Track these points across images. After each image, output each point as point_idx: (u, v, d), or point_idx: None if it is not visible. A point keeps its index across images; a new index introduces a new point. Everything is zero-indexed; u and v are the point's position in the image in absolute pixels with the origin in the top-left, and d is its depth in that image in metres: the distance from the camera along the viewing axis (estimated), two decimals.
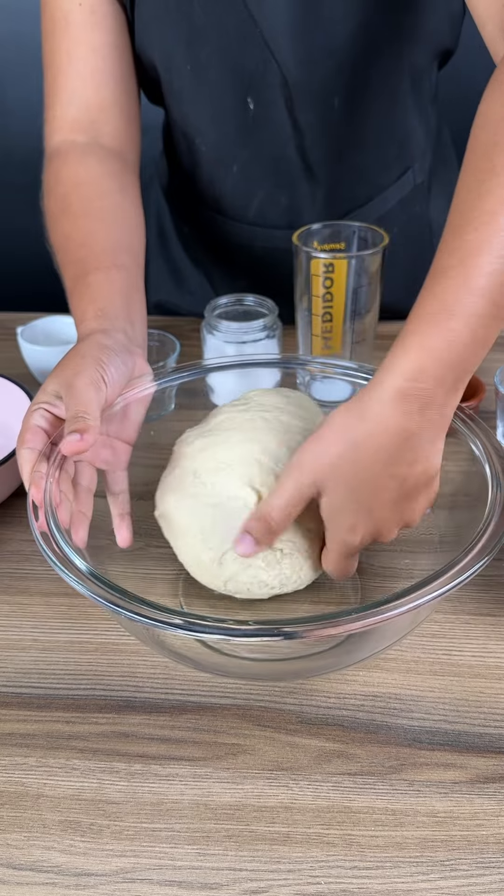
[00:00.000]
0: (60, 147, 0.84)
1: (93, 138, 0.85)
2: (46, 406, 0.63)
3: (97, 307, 0.69)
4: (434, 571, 0.53)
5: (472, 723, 0.59)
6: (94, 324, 0.68)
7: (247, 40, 0.84)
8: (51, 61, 0.84)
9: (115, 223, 0.78)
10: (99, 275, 0.72)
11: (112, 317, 0.68)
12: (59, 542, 0.56)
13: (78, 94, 0.84)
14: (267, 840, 0.53)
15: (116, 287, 0.71)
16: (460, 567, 0.53)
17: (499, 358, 0.96)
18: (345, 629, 0.50)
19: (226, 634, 0.51)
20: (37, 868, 0.52)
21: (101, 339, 0.65)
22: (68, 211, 0.78)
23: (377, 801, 0.55)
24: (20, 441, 0.62)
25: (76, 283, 0.72)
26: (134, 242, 0.78)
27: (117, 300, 0.70)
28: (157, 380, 0.71)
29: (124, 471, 0.68)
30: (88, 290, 0.71)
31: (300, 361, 0.79)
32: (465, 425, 0.65)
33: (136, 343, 0.69)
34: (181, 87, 0.91)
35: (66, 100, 0.84)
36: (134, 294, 0.73)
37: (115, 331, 0.67)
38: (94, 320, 0.68)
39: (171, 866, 0.52)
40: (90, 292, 0.70)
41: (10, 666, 0.64)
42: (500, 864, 0.51)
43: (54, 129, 0.85)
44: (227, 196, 0.99)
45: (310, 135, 0.91)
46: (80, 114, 0.84)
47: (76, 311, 0.71)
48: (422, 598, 0.51)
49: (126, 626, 0.63)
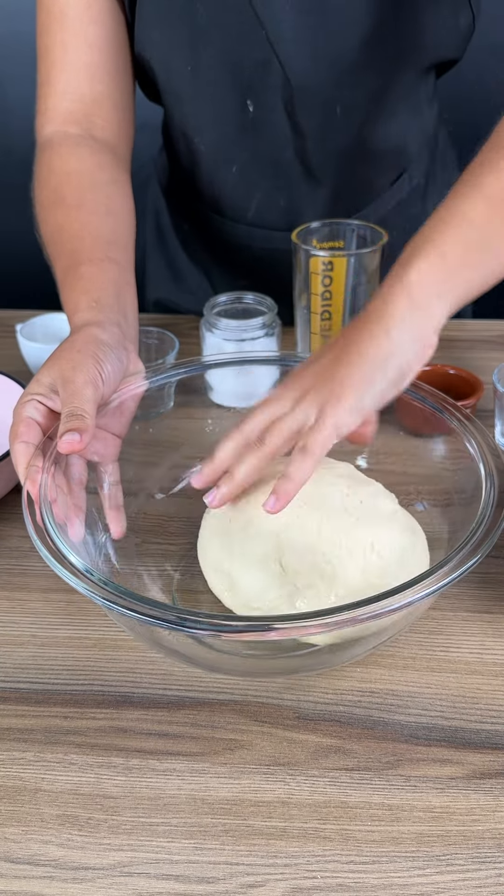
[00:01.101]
0: (53, 137, 0.84)
1: (86, 130, 0.84)
2: (40, 398, 0.62)
3: (91, 298, 0.69)
4: (428, 568, 0.53)
5: (469, 719, 0.59)
6: (88, 315, 0.67)
7: (250, 42, 0.85)
8: (45, 54, 0.84)
9: (109, 216, 0.77)
10: (92, 266, 0.71)
11: (106, 309, 0.68)
12: (54, 537, 0.56)
13: (72, 87, 0.84)
14: (264, 835, 0.53)
15: (109, 279, 0.71)
16: (454, 563, 0.53)
17: (497, 357, 0.97)
18: (336, 626, 0.50)
19: (216, 630, 0.51)
20: (34, 862, 0.52)
21: (96, 332, 0.65)
22: (60, 202, 0.78)
23: (374, 796, 0.55)
24: (13, 433, 0.61)
25: (67, 274, 0.72)
26: (126, 236, 0.78)
27: (110, 292, 0.70)
28: (156, 376, 0.72)
29: (115, 463, 0.68)
30: (81, 282, 0.70)
31: (299, 359, 0.80)
32: (461, 424, 0.65)
33: (129, 338, 0.69)
34: (181, 88, 0.91)
35: (59, 91, 0.84)
36: (126, 288, 0.72)
37: (110, 324, 0.67)
38: (88, 311, 0.68)
39: (169, 860, 0.52)
40: (83, 283, 0.70)
41: (9, 661, 0.64)
42: (496, 859, 0.52)
43: (47, 120, 0.85)
44: (226, 197, 0.99)
45: (309, 138, 0.91)
46: (73, 105, 0.84)
47: (68, 302, 0.70)
48: (416, 595, 0.51)
49: (122, 623, 0.63)
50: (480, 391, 0.85)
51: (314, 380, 0.59)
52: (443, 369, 0.87)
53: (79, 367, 0.62)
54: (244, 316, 0.89)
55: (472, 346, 0.99)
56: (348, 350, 0.58)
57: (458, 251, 0.60)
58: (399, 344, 0.58)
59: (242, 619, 0.53)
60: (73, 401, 0.60)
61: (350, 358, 0.58)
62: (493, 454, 0.62)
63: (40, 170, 0.82)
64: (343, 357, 0.58)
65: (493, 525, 0.56)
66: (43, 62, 0.85)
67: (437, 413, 0.67)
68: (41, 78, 0.85)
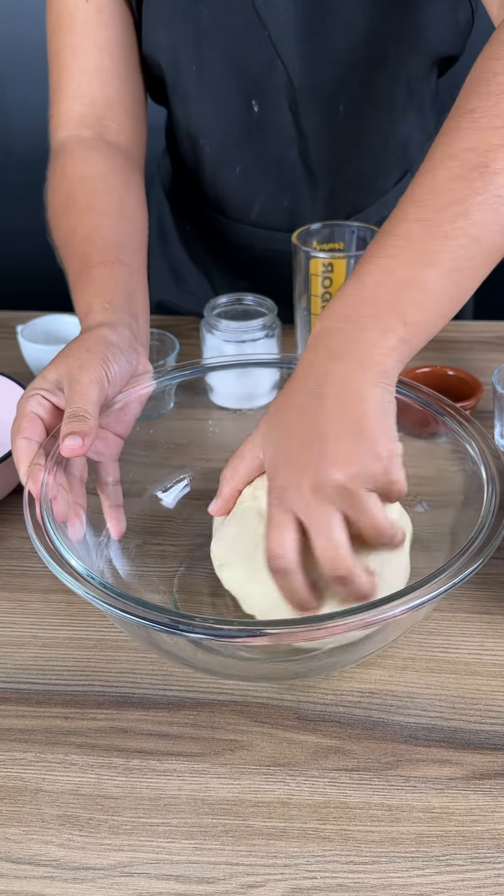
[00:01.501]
0: (66, 142, 0.84)
1: (98, 134, 0.85)
2: (45, 394, 0.62)
3: (104, 300, 0.69)
4: (431, 572, 0.53)
5: (468, 720, 0.60)
6: (101, 316, 0.67)
7: (253, 42, 0.85)
8: (56, 58, 0.84)
9: (121, 219, 0.78)
10: (103, 269, 0.72)
11: (118, 310, 0.68)
12: (54, 538, 0.56)
13: (84, 90, 0.84)
14: (264, 835, 0.53)
15: (121, 282, 0.71)
16: (457, 567, 0.53)
17: (496, 358, 0.97)
18: (331, 632, 0.50)
19: (211, 635, 0.51)
20: (35, 862, 0.53)
21: (107, 334, 0.65)
22: (73, 206, 0.78)
23: (373, 796, 0.55)
24: (16, 428, 0.61)
25: (79, 277, 0.72)
26: (138, 239, 0.78)
27: (122, 295, 0.70)
28: (157, 378, 0.72)
29: (115, 462, 0.68)
30: (93, 284, 0.71)
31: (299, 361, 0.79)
32: (462, 426, 0.65)
33: (139, 340, 0.69)
34: (186, 88, 0.91)
35: (71, 95, 0.84)
36: (137, 291, 0.73)
37: (121, 325, 0.67)
38: (101, 312, 0.68)
39: (169, 861, 0.52)
40: (95, 285, 0.70)
41: (9, 662, 0.65)
42: (495, 859, 0.52)
43: (60, 125, 0.85)
44: (230, 197, 0.99)
45: (313, 138, 0.91)
46: (85, 109, 0.84)
47: (81, 304, 0.70)
48: (418, 600, 0.51)
49: (121, 625, 0.63)
50: (480, 392, 0.85)
51: (301, 476, 0.52)
52: (442, 370, 0.88)
53: (86, 367, 0.62)
54: (244, 317, 0.89)
55: (471, 348, 0.99)
56: (323, 429, 0.53)
57: (420, 324, 0.56)
58: (371, 414, 0.54)
59: (236, 624, 0.52)
60: (77, 401, 0.60)
61: (328, 443, 0.52)
62: (494, 456, 0.62)
63: (53, 175, 0.83)
64: (320, 440, 0.53)
65: (494, 530, 0.56)
66: (54, 67, 0.85)
67: (436, 415, 0.67)
68: (52, 83, 0.86)
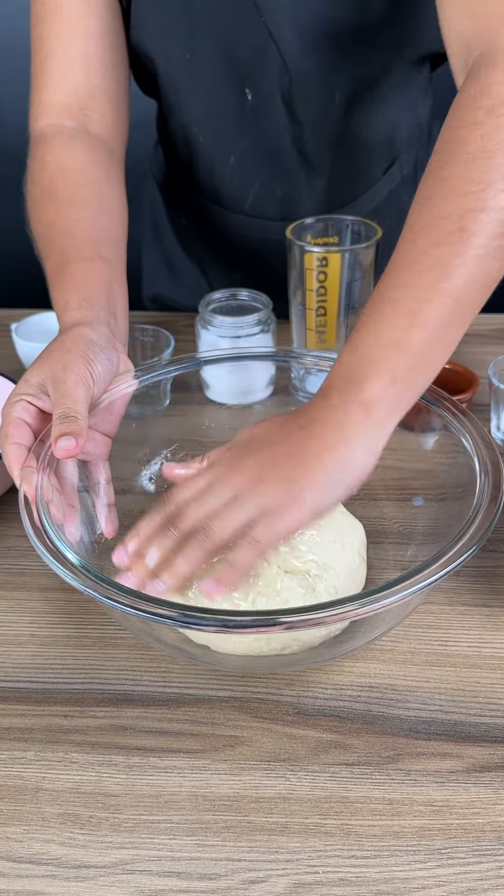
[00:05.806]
0: (46, 131, 0.82)
1: (81, 124, 0.83)
2: (29, 398, 0.62)
3: (81, 297, 0.68)
4: (423, 561, 0.54)
5: (468, 712, 0.60)
6: (78, 314, 0.67)
7: (247, 29, 0.84)
8: (40, 45, 0.83)
9: (101, 213, 0.76)
10: (82, 265, 0.71)
11: (96, 308, 0.68)
12: (52, 537, 0.56)
13: (68, 79, 0.82)
14: (265, 830, 0.53)
15: (99, 278, 0.70)
16: (449, 556, 0.53)
17: (492, 351, 0.97)
18: (337, 619, 0.50)
19: (220, 626, 0.51)
20: (36, 861, 0.52)
21: (86, 332, 0.65)
22: (53, 198, 0.77)
23: (374, 790, 0.55)
24: (3, 435, 0.61)
25: (57, 272, 0.71)
26: (118, 234, 0.77)
27: (100, 291, 0.69)
28: (151, 373, 0.72)
29: (105, 462, 0.67)
30: (72, 281, 0.70)
31: (294, 355, 0.79)
32: (456, 419, 0.65)
33: (118, 338, 0.68)
34: (178, 78, 0.90)
35: (54, 83, 0.83)
36: (116, 287, 0.72)
37: (100, 323, 0.66)
38: (78, 310, 0.67)
39: (170, 857, 0.52)
40: (73, 282, 0.70)
41: (8, 661, 0.65)
42: (496, 851, 0.52)
43: (41, 113, 0.84)
44: (224, 187, 0.99)
45: (307, 126, 0.91)
46: (68, 98, 0.83)
47: (58, 301, 0.70)
48: (411, 588, 0.52)
49: (121, 620, 0.64)
50: (476, 386, 0.85)
51: (260, 473, 0.54)
52: None
53: (69, 368, 0.61)
54: (239, 312, 0.89)
55: (467, 341, 0.98)
56: (304, 452, 0.54)
57: (407, 370, 0.58)
58: (356, 457, 0.55)
59: (249, 614, 0.53)
60: (65, 402, 0.60)
61: (308, 462, 0.54)
62: (489, 448, 0.62)
63: (33, 165, 0.81)
64: (300, 459, 0.54)
65: (486, 518, 0.56)
66: (37, 54, 0.83)
67: (432, 407, 0.67)
68: (35, 70, 0.84)
